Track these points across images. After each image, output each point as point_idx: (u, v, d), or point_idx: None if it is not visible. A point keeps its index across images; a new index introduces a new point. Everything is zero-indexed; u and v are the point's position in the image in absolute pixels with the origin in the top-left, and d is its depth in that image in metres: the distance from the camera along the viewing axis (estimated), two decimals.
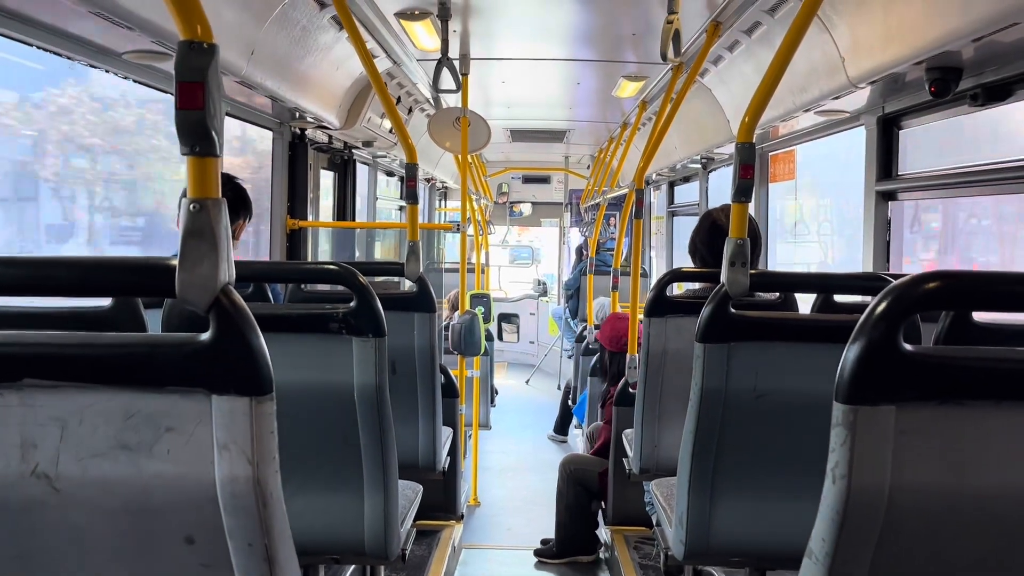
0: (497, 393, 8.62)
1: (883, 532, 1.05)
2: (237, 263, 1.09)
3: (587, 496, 4.45)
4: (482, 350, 4.89)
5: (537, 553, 4.58)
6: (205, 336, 1.00)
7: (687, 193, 7.27)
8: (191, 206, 1.02)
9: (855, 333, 1.03)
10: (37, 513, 1.03)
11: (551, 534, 4.61)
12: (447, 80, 4.08)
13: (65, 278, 1.06)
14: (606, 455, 4.37)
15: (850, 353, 1.03)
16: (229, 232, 1.05)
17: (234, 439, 1.00)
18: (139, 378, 1.01)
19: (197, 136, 1.04)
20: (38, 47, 2.32)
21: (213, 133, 1.04)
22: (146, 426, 1.01)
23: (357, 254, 6.43)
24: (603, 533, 4.56)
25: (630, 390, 3.72)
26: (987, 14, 2.12)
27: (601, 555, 4.52)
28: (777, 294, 2.76)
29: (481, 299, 5.58)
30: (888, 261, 3.42)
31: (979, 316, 1.81)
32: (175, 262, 1.01)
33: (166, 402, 1.01)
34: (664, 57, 3.13)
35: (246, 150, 4.54)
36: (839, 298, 2.46)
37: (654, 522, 2.81)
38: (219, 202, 1.04)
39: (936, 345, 1.82)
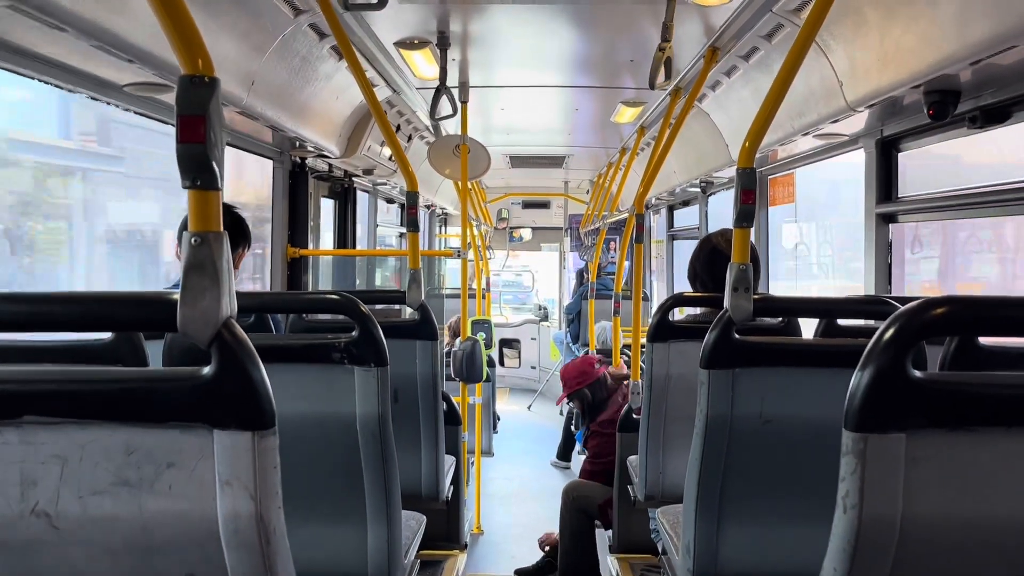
0: (499, 419, 8.57)
1: (896, 562, 1.03)
2: (238, 294, 1.09)
3: (590, 523, 4.40)
4: (484, 377, 4.87)
5: None
6: (207, 370, 0.99)
7: (687, 217, 7.28)
8: (192, 239, 1.02)
9: (863, 360, 1.02)
10: (36, 553, 1.02)
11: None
12: (446, 108, 4.10)
13: (66, 313, 1.06)
14: (602, 480, 4.33)
15: (858, 380, 1.01)
16: (231, 265, 1.04)
17: (236, 475, 0.99)
18: (140, 414, 1.00)
19: (198, 169, 1.04)
20: (40, 81, 2.33)
21: (214, 166, 1.04)
22: (147, 462, 1.00)
23: (358, 282, 6.42)
24: (608, 561, 4.50)
25: (634, 415, 3.69)
26: (984, 37, 2.12)
27: None
28: (780, 318, 2.75)
29: (482, 325, 5.57)
30: (890, 283, 3.42)
31: (984, 339, 1.80)
32: (176, 296, 1.01)
33: (167, 437, 1.00)
34: (653, 85, 3.14)
35: None
36: (842, 321, 2.44)
37: (660, 550, 2.78)
38: (220, 235, 1.03)
39: (942, 369, 1.81)
